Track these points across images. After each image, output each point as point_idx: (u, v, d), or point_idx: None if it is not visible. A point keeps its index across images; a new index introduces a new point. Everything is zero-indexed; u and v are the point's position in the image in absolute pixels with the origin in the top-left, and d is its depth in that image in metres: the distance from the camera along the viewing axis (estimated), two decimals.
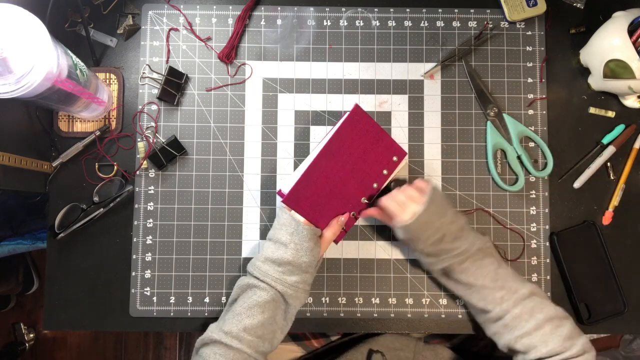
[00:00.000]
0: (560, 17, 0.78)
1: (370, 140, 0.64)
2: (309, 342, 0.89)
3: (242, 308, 0.61)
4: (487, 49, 0.77)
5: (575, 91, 0.77)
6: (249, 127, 0.76)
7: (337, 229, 0.66)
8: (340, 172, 0.64)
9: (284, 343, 0.88)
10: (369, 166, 0.65)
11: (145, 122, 0.76)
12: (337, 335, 0.90)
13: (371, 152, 0.65)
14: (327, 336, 0.90)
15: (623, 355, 1.46)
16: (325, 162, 0.62)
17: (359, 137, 0.63)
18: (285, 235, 0.63)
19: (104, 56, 0.77)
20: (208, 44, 0.77)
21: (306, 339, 0.88)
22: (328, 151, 0.62)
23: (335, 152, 0.62)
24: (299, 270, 0.63)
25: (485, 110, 0.76)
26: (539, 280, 0.75)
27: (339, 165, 0.63)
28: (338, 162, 0.63)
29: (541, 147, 0.75)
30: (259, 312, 0.60)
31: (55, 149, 0.75)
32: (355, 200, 0.66)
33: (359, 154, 0.64)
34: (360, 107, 0.62)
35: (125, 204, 0.75)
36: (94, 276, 0.74)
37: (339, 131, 0.62)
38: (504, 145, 0.75)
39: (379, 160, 0.65)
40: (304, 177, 0.62)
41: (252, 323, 0.60)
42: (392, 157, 0.65)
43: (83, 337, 1.55)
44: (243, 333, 0.59)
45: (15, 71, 0.52)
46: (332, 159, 0.63)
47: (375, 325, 0.74)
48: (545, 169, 0.75)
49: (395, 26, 0.78)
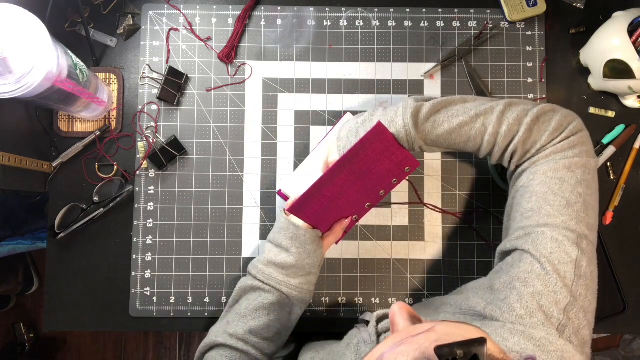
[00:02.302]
0: (560, 17, 0.78)
1: (386, 155, 0.62)
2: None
3: (247, 310, 0.61)
4: (487, 49, 0.77)
5: (575, 91, 0.77)
6: (249, 127, 0.76)
7: (339, 232, 0.66)
8: (349, 183, 0.62)
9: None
10: (380, 177, 0.63)
11: (145, 122, 0.76)
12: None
13: (384, 165, 0.63)
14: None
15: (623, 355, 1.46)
16: (337, 174, 0.61)
17: (375, 152, 0.60)
18: (285, 240, 0.62)
19: (104, 56, 0.77)
20: (208, 44, 0.77)
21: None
22: (342, 165, 0.60)
23: (348, 166, 0.61)
24: (302, 272, 0.63)
25: None
26: None
27: (350, 178, 0.62)
28: (350, 174, 0.61)
29: None
30: (265, 314, 0.60)
31: (55, 149, 0.75)
32: (359, 204, 0.65)
33: (372, 167, 0.62)
34: (383, 125, 0.60)
35: (125, 204, 0.75)
36: (94, 276, 0.74)
37: (357, 147, 0.59)
38: None
39: (390, 170, 0.63)
40: (314, 188, 0.61)
41: (258, 325, 0.59)
42: (405, 167, 0.64)
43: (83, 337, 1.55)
44: (249, 335, 0.59)
45: (15, 71, 0.52)
46: (344, 172, 0.61)
47: None
48: None
49: (395, 26, 0.78)
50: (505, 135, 0.56)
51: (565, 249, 0.48)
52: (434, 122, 0.59)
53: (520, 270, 0.49)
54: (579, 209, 0.51)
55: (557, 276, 0.47)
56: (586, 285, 0.48)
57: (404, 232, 0.75)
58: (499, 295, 0.48)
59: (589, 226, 0.52)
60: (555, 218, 0.51)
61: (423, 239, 0.75)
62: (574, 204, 0.52)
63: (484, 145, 0.58)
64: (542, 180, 0.54)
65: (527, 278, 0.48)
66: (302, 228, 0.62)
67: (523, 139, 0.56)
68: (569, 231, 0.50)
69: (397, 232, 0.75)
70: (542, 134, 0.56)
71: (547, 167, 0.54)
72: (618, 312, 0.73)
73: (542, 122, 0.56)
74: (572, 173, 0.53)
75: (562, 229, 0.50)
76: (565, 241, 0.49)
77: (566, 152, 0.54)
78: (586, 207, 0.52)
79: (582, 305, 0.47)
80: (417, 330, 0.33)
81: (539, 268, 0.48)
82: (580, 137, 0.56)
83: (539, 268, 0.48)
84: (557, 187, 0.53)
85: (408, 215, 0.75)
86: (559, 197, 0.52)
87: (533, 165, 0.56)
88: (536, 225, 0.51)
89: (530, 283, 0.47)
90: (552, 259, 0.48)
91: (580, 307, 0.46)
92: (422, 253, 0.75)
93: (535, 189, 0.54)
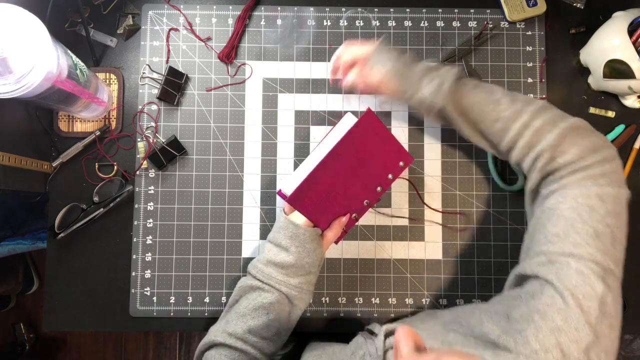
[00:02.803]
0: (560, 17, 0.78)
1: (379, 145, 0.64)
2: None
3: (246, 309, 0.61)
4: (487, 49, 0.77)
5: (575, 91, 0.77)
6: (249, 127, 0.76)
7: (338, 230, 0.66)
8: (345, 173, 0.64)
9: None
10: (375, 170, 0.65)
11: (145, 122, 0.76)
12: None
13: (378, 156, 0.65)
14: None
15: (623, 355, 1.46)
16: (332, 163, 0.62)
17: (368, 140, 0.63)
18: (284, 239, 0.62)
19: (104, 56, 0.77)
20: (208, 44, 0.77)
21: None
22: (336, 152, 0.62)
23: (343, 154, 0.62)
24: (302, 271, 0.63)
25: None
26: None
27: (345, 167, 0.63)
28: (345, 163, 0.63)
29: None
30: (264, 314, 0.60)
31: (55, 149, 0.75)
32: (358, 201, 0.66)
33: (366, 157, 0.64)
34: (372, 111, 0.62)
35: (125, 204, 0.75)
36: (94, 276, 0.74)
37: (349, 134, 0.62)
38: None
39: (385, 164, 0.65)
40: (310, 176, 0.62)
41: (257, 324, 0.59)
42: (399, 162, 0.65)
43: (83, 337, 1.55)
44: (248, 334, 0.59)
45: (15, 71, 0.52)
46: (339, 160, 0.62)
47: None
48: None
49: (395, 26, 0.78)
50: (536, 130, 0.55)
51: (590, 283, 0.45)
52: (475, 87, 0.59)
53: (540, 302, 0.46)
54: (607, 241, 0.49)
55: (580, 311, 0.44)
56: (610, 324, 0.45)
57: (404, 232, 0.75)
58: (516, 325, 0.45)
59: (616, 261, 0.49)
60: (582, 248, 0.48)
61: (423, 239, 0.75)
62: (602, 235, 0.49)
63: (511, 133, 0.56)
64: (571, 205, 0.51)
65: (546, 311, 0.45)
66: (302, 227, 0.62)
67: (554, 143, 0.54)
68: (595, 264, 0.47)
69: (397, 232, 0.75)
70: (574, 147, 0.53)
71: (578, 192, 0.51)
72: None
73: (578, 134, 0.54)
74: (603, 202, 0.50)
75: (588, 261, 0.47)
76: (591, 274, 0.46)
77: (599, 180, 0.52)
78: (614, 240, 0.49)
79: (605, 346, 0.43)
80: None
81: (561, 301, 0.45)
82: (614, 166, 0.53)
83: (561, 301, 0.45)
84: (587, 215, 0.50)
85: (408, 215, 0.75)
86: (588, 225, 0.49)
87: (563, 188, 0.53)
88: (561, 254, 0.48)
89: (549, 317, 0.44)
90: (576, 293, 0.45)
91: (603, 348, 0.43)
92: (422, 253, 0.75)
93: (564, 213, 0.51)
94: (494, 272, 0.75)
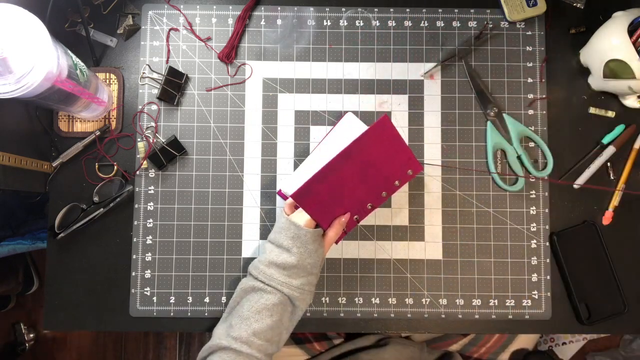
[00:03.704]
0: (560, 17, 0.78)
1: (390, 151, 0.63)
2: (311, 345, 0.89)
3: (249, 312, 0.60)
4: (487, 49, 0.77)
5: (575, 91, 0.77)
6: (249, 127, 0.76)
7: (339, 229, 0.66)
8: (353, 176, 0.63)
9: (287, 346, 0.88)
10: (383, 175, 0.65)
11: (145, 122, 0.76)
12: (340, 338, 0.90)
13: (388, 162, 0.64)
14: (329, 339, 0.90)
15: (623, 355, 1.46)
16: (341, 164, 0.62)
17: (380, 145, 0.62)
18: (286, 240, 0.62)
19: (104, 56, 0.77)
20: (208, 44, 0.77)
21: (308, 342, 0.88)
22: (346, 154, 0.61)
23: (353, 156, 0.62)
24: (304, 272, 0.62)
25: (485, 110, 0.76)
26: (539, 280, 0.75)
27: (354, 170, 0.63)
28: (353, 166, 0.62)
29: (541, 147, 0.75)
30: (268, 316, 0.60)
31: (55, 149, 0.75)
32: (361, 204, 0.66)
33: (375, 161, 0.63)
34: (388, 118, 0.61)
35: (125, 204, 0.75)
36: (94, 276, 0.74)
37: (362, 137, 0.61)
38: (504, 145, 0.75)
39: (393, 171, 0.65)
40: (318, 175, 0.62)
41: (261, 327, 0.59)
42: (408, 170, 0.65)
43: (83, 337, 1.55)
44: (253, 337, 0.59)
45: (15, 71, 0.52)
46: (348, 162, 0.62)
47: (375, 325, 0.74)
48: (545, 169, 0.75)
49: (395, 26, 0.78)
50: None
51: None
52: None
53: None
54: None
55: None
56: None
57: (404, 232, 0.75)
58: None
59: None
60: None
61: (423, 239, 0.75)
62: None
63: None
64: None
65: None
66: (303, 228, 0.62)
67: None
68: None
69: (397, 232, 0.75)
70: None
71: None
72: (618, 312, 0.73)
73: None
74: None
75: None
76: None
77: None
78: None
79: None
80: None
81: None
82: None
83: None
84: None
85: (408, 215, 0.75)
86: None
87: None
88: None
89: None
90: None
91: None
92: (422, 253, 0.75)
93: None
94: (494, 272, 0.75)
